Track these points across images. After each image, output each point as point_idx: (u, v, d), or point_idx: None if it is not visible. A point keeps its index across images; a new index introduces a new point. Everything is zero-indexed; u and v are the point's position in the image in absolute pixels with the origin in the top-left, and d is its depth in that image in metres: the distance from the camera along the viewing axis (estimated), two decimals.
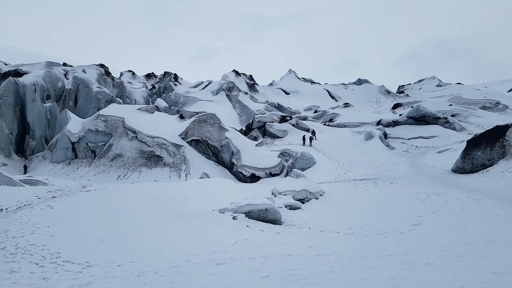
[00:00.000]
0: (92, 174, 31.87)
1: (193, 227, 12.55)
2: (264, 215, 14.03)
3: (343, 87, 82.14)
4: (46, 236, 11.11)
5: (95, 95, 48.34)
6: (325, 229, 13.23)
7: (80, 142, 35.21)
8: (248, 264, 8.53)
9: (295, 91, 78.42)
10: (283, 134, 41.06)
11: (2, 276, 7.71)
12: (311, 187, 19.35)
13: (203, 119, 36.58)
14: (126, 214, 14.06)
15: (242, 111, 57.56)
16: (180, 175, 29.99)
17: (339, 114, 54.33)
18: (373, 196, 18.67)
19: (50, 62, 62.44)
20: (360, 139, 37.07)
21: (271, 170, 29.79)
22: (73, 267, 8.43)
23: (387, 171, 25.90)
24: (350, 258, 9.02)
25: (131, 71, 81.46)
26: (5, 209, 15.04)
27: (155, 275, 7.85)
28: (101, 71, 64.71)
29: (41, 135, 41.76)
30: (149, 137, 33.71)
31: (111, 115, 36.65)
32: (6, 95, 40.37)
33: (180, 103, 61.11)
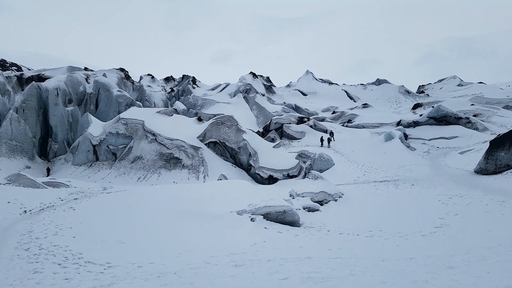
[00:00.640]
0: (113, 176, 32.50)
1: (211, 229, 12.63)
2: (282, 217, 14.00)
3: (361, 88, 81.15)
4: (68, 237, 11.36)
5: (116, 99, 49.32)
6: (345, 232, 13.10)
7: (101, 145, 35.98)
8: (267, 266, 8.53)
9: (312, 92, 77.96)
10: (300, 135, 40.89)
11: (26, 276, 7.90)
12: (330, 189, 19.18)
13: (221, 121, 36.80)
14: (146, 216, 14.27)
15: (259, 113, 57.60)
16: (198, 177, 30.25)
17: (357, 114, 53.68)
18: (393, 198, 18.35)
19: (71, 67, 64.20)
20: (379, 140, 36.52)
21: (289, 171, 29.69)
22: (94, 268, 8.60)
23: (408, 172, 25.42)
24: (371, 261, 8.90)
25: (150, 75, 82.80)
26: (29, 211, 15.50)
27: (175, 276, 7.94)
28: (121, 75, 66.06)
29: (64, 138, 42.88)
30: (168, 140, 34.17)
31: (131, 118, 37.33)
32: (29, 99, 41.67)
33: (198, 106, 61.67)
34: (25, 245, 10.36)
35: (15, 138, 36.89)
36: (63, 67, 64.73)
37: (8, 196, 17.14)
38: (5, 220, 13.50)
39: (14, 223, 13.05)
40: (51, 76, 57.35)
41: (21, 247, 10.06)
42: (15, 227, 12.41)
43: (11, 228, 12.25)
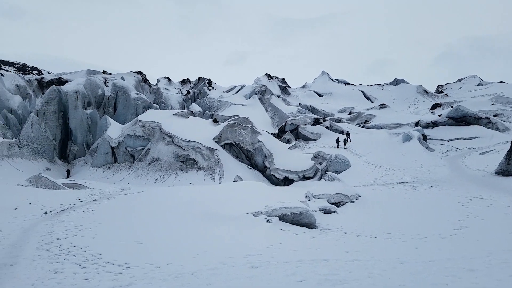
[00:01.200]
0: (131, 177, 32.99)
1: (227, 230, 12.66)
2: (298, 219, 13.93)
3: (378, 88, 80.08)
4: (88, 238, 11.55)
5: (133, 101, 50.11)
6: (362, 234, 12.93)
7: (119, 147, 36.59)
8: (284, 268, 8.49)
9: (328, 93, 77.35)
10: (316, 136, 40.63)
11: (47, 276, 8.04)
12: (347, 190, 19.00)
13: (236, 122, 36.92)
14: (163, 217, 14.42)
15: (274, 114, 57.51)
16: (214, 178, 30.41)
17: (375, 115, 53.00)
18: (412, 200, 18.02)
19: (90, 70, 65.55)
20: (397, 140, 35.96)
21: (305, 173, 29.54)
22: (113, 268, 8.72)
23: (427, 173, 24.93)
24: (389, 264, 8.75)
25: (167, 78, 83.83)
26: (50, 212, 15.84)
27: (192, 277, 7.99)
28: (138, 78, 67.07)
29: (83, 141, 43.79)
30: (185, 141, 34.48)
31: (148, 121, 37.85)
32: (49, 102, 42.72)
33: (213, 108, 62.05)
34: (46, 245, 10.55)
35: (36, 140, 37.85)
36: (82, 70, 66.17)
37: (30, 198, 17.57)
38: (27, 221, 13.83)
39: (35, 224, 13.36)
40: (70, 79, 58.71)
41: (42, 248, 10.27)
42: (36, 228, 12.69)
43: (33, 229, 12.52)
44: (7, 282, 7.59)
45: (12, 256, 9.38)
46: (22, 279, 7.78)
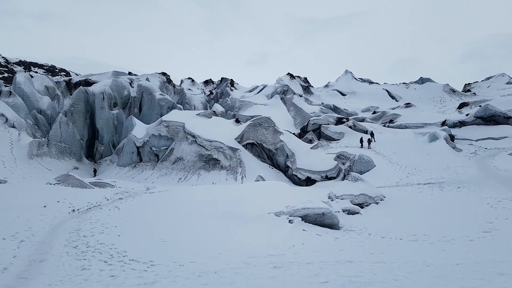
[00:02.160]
0: (156, 176, 33.58)
1: (250, 230, 12.67)
2: (321, 219, 13.77)
3: (404, 87, 78.23)
4: (113, 235, 11.80)
5: (158, 102, 51.01)
6: (387, 235, 12.66)
7: (144, 147, 37.32)
8: (306, 269, 8.40)
9: (351, 92, 76.23)
10: (339, 136, 40.12)
11: (74, 273, 8.24)
12: (371, 191, 18.64)
13: (258, 122, 36.94)
14: (187, 215, 14.58)
15: (296, 114, 57.20)
16: (236, 178, 30.52)
17: (400, 114, 51.83)
18: (438, 201, 17.52)
19: (116, 72, 67.21)
20: (423, 140, 35.01)
21: (327, 173, 29.22)
22: (138, 266, 8.87)
23: (454, 174, 24.17)
24: (415, 266, 8.53)
25: (190, 78, 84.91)
26: (77, 210, 16.31)
27: (215, 276, 8.02)
28: (163, 79, 68.25)
29: (109, 140, 44.93)
30: (207, 141, 34.79)
31: (172, 121, 38.43)
32: (77, 103, 44.06)
33: (236, 108, 62.35)
34: (74, 242, 10.84)
35: (64, 140, 39.11)
36: (108, 72, 67.96)
37: (58, 196, 18.14)
38: (55, 218, 14.28)
39: (63, 222, 13.77)
40: (97, 80, 60.35)
41: (70, 245, 10.56)
42: (64, 226, 13.07)
43: (61, 226, 12.91)
44: (36, 278, 7.82)
45: (41, 252, 9.69)
46: (51, 275, 8.00)
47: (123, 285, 7.48)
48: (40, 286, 7.35)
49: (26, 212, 14.66)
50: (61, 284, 7.49)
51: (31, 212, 14.80)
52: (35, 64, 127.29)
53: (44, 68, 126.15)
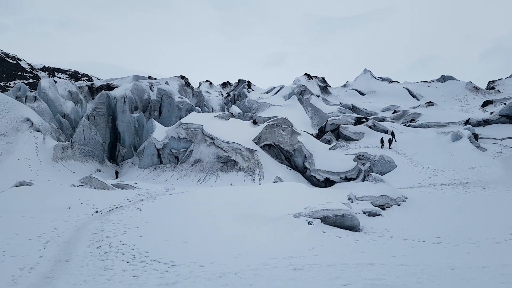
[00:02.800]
0: (175, 178, 33.98)
1: (268, 231, 12.64)
2: (340, 221, 13.61)
3: (425, 85, 76.55)
4: (135, 236, 12.00)
5: (177, 105, 51.67)
6: (409, 238, 12.39)
7: (164, 149, 37.84)
8: (327, 271, 8.31)
9: (371, 91, 75.12)
10: (358, 136, 39.58)
11: (98, 273, 8.39)
12: (392, 192, 18.31)
13: (275, 123, 36.88)
14: (206, 216, 14.67)
15: (314, 114, 56.80)
16: (254, 179, 30.55)
17: (421, 113, 50.73)
18: (462, 202, 17.05)
19: (137, 76, 68.56)
20: (446, 140, 34.15)
21: (347, 174, 28.89)
22: (160, 266, 8.98)
23: (478, 174, 23.49)
24: (439, 269, 8.31)
25: (208, 81, 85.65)
26: (100, 211, 16.67)
27: (235, 277, 8.04)
28: (181, 82, 69.18)
29: (130, 143, 45.78)
30: (225, 143, 34.98)
31: (191, 123, 38.84)
32: (99, 107, 45.15)
33: (253, 109, 62.45)
34: (97, 243, 11.07)
35: (87, 143, 40.07)
36: (129, 76, 69.41)
37: (82, 197, 18.60)
38: (79, 219, 14.64)
39: (87, 223, 14.10)
40: (118, 85, 61.69)
41: (93, 245, 10.79)
42: (88, 226, 13.38)
43: (85, 227, 13.22)
44: (61, 277, 8.01)
45: (66, 253, 9.93)
46: (75, 275, 8.18)
47: (145, 285, 7.58)
48: (65, 286, 7.52)
49: (51, 213, 15.09)
50: (85, 284, 7.65)
51: (56, 213, 15.22)
52: (59, 69, 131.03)
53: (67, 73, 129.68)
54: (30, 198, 17.97)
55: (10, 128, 36.04)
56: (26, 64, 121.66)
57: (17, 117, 37.37)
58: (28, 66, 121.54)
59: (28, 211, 15.00)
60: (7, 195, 18.75)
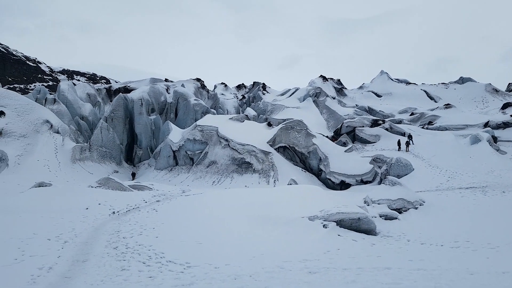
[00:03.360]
0: (191, 179, 34.23)
1: (283, 234, 12.59)
2: (356, 225, 13.46)
3: (443, 87, 75.19)
4: (151, 237, 12.10)
5: (193, 107, 52.11)
6: (427, 242, 12.17)
7: (180, 151, 38.19)
8: (343, 275, 8.22)
9: (387, 93, 74.19)
10: (375, 139, 39.11)
11: (114, 273, 8.47)
12: (409, 195, 18.02)
13: (290, 126, 36.79)
14: (221, 218, 14.72)
15: (329, 117, 56.42)
16: (269, 181, 30.51)
17: (439, 116, 49.85)
18: (481, 206, 16.67)
19: (154, 79, 69.46)
20: (464, 143, 33.45)
21: (362, 177, 28.57)
22: (175, 267, 9.02)
23: (498, 178, 22.91)
24: (457, 274, 8.14)
25: (223, 83, 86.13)
26: (117, 212, 16.89)
27: (250, 279, 8.02)
28: (197, 84, 69.75)
29: (147, 145, 46.36)
30: (240, 145, 35.06)
31: (206, 125, 39.11)
32: (117, 109, 45.91)
33: (268, 111, 62.44)
34: (114, 243, 11.20)
35: (105, 145, 40.75)
36: (146, 79, 70.40)
37: (99, 198, 18.90)
38: (97, 220, 14.86)
39: (104, 223, 14.31)
40: (135, 87, 62.65)
41: (110, 246, 10.92)
42: (105, 227, 13.57)
43: (102, 228, 13.40)
44: (79, 277, 8.13)
45: (83, 253, 10.09)
46: (93, 275, 8.29)
47: (161, 286, 7.63)
48: (83, 286, 7.63)
49: (69, 214, 15.38)
50: (102, 284, 7.75)
51: (74, 214, 15.50)
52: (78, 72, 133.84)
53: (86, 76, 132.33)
54: (49, 198, 18.36)
55: (30, 129, 36.97)
56: (46, 67, 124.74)
57: (37, 119, 38.31)
58: (48, 69, 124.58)
59: (47, 212, 15.32)
60: (26, 195, 19.21)
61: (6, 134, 34.81)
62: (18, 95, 41.00)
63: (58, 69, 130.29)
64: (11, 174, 30.42)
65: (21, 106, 38.83)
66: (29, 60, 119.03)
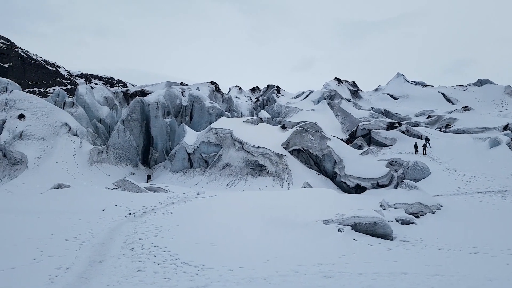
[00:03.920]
0: (205, 182, 34.42)
1: (297, 237, 12.53)
2: (372, 229, 13.28)
3: (461, 89, 73.69)
4: (167, 238, 12.23)
5: (207, 110, 52.47)
6: (444, 247, 11.91)
7: (195, 153, 38.47)
8: (358, 280, 8.13)
9: (404, 95, 73.10)
10: (391, 142, 38.58)
11: (130, 274, 8.60)
12: (426, 199, 17.70)
13: (305, 128, 36.63)
14: (235, 220, 14.75)
15: (344, 119, 55.93)
16: (283, 184, 30.42)
17: (457, 118, 48.84)
18: (501, 211, 16.25)
19: (169, 82, 70.30)
20: (483, 146, 32.65)
21: (378, 180, 28.19)
22: (190, 269, 9.09)
23: None
24: (476, 280, 7.96)
25: (238, 86, 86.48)
26: (133, 213, 17.12)
27: (264, 282, 8.01)
28: (212, 87, 70.26)
29: (163, 147, 46.88)
30: (254, 147, 35.09)
31: (220, 128, 39.29)
32: (134, 112, 46.60)
33: (282, 114, 62.34)
34: (130, 245, 11.36)
35: (122, 147, 41.37)
36: (162, 82, 71.33)
37: (116, 200, 19.20)
38: (113, 221, 15.10)
39: (120, 224, 14.52)
40: (152, 91, 63.47)
41: (126, 247, 11.08)
42: (121, 228, 13.78)
43: (118, 229, 13.61)
44: (95, 278, 8.27)
45: (100, 254, 10.26)
46: (109, 276, 8.42)
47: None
48: (99, 286, 7.75)
49: (87, 215, 15.67)
50: (118, 285, 7.86)
51: (91, 215, 15.79)
52: (95, 76, 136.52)
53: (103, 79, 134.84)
54: (67, 200, 18.75)
55: (49, 132, 37.83)
56: (64, 71, 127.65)
57: (55, 121, 39.19)
58: (67, 73, 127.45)
59: (65, 213, 15.64)
60: (45, 196, 19.67)
61: (26, 137, 35.70)
62: (37, 99, 42.05)
63: (76, 73, 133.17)
64: (30, 175, 31.18)
65: (41, 109, 39.80)
66: (49, 64, 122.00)
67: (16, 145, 34.27)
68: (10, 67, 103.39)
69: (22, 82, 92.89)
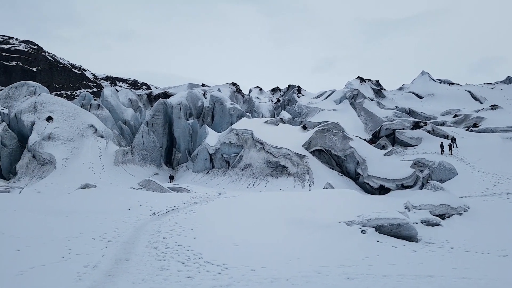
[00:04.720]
0: (227, 182, 34.68)
1: (320, 238, 12.46)
2: (397, 231, 13.04)
3: (489, 87, 71.24)
4: (190, 238, 12.40)
5: (229, 111, 52.87)
6: (472, 249, 11.57)
7: (216, 154, 38.83)
8: (383, 282, 8.01)
9: (429, 94, 71.27)
10: (416, 142, 37.70)
11: (155, 272, 8.75)
12: (453, 201, 17.22)
13: (326, 128, 36.33)
14: (257, 221, 14.80)
15: (367, 119, 55.07)
16: (304, 185, 30.27)
17: (485, 117, 47.24)
18: None
19: (191, 84, 71.25)
20: None
21: (403, 181, 27.63)
22: (213, 268, 9.19)
23: None
24: (505, 284, 7.72)
25: (258, 87, 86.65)
26: (157, 213, 17.45)
27: (287, 283, 8.01)
28: (233, 89, 70.77)
29: (185, 148, 47.58)
30: (275, 148, 35.07)
31: (241, 129, 39.50)
32: (157, 114, 47.53)
33: (303, 114, 62.01)
34: (154, 243, 11.57)
35: (146, 148, 42.23)
36: (184, 84, 72.39)
37: (140, 200, 19.60)
38: (138, 220, 15.43)
39: (145, 224, 14.83)
40: (174, 93, 64.50)
41: (151, 246, 11.30)
42: (146, 227, 14.06)
43: (143, 228, 13.90)
44: (121, 276, 8.45)
45: (126, 252, 10.50)
46: (134, 274, 8.59)
47: (199, 286, 7.79)
48: (125, 284, 7.93)
49: (112, 214, 16.07)
50: (143, 283, 8.02)
51: (117, 214, 16.18)
52: (120, 79, 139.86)
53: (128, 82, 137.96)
54: (93, 199, 19.29)
55: (76, 134, 39.05)
56: (90, 74, 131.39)
57: (82, 123, 40.41)
58: (92, 76, 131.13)
59: (91, 212, 16.09)
60: (73, 196, 20.30)
61: (54, 138, 36.98)
62: (65, 101, 43.51)
63: (101, 76, 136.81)
64: (58, 176, 32.27)
65: (68, 111, 41.14)
66: (75, 67, 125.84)
67: (45, 147, 35.56)
68: (38, 71, 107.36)
69: (49, 85, 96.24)
